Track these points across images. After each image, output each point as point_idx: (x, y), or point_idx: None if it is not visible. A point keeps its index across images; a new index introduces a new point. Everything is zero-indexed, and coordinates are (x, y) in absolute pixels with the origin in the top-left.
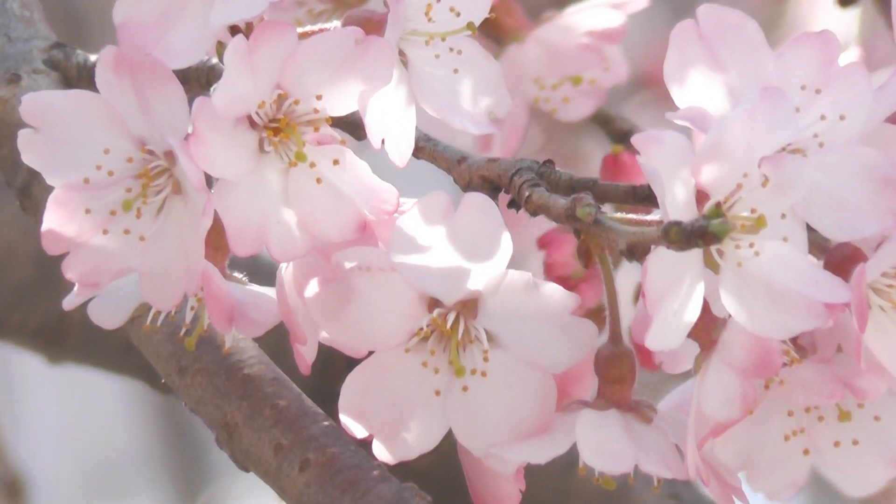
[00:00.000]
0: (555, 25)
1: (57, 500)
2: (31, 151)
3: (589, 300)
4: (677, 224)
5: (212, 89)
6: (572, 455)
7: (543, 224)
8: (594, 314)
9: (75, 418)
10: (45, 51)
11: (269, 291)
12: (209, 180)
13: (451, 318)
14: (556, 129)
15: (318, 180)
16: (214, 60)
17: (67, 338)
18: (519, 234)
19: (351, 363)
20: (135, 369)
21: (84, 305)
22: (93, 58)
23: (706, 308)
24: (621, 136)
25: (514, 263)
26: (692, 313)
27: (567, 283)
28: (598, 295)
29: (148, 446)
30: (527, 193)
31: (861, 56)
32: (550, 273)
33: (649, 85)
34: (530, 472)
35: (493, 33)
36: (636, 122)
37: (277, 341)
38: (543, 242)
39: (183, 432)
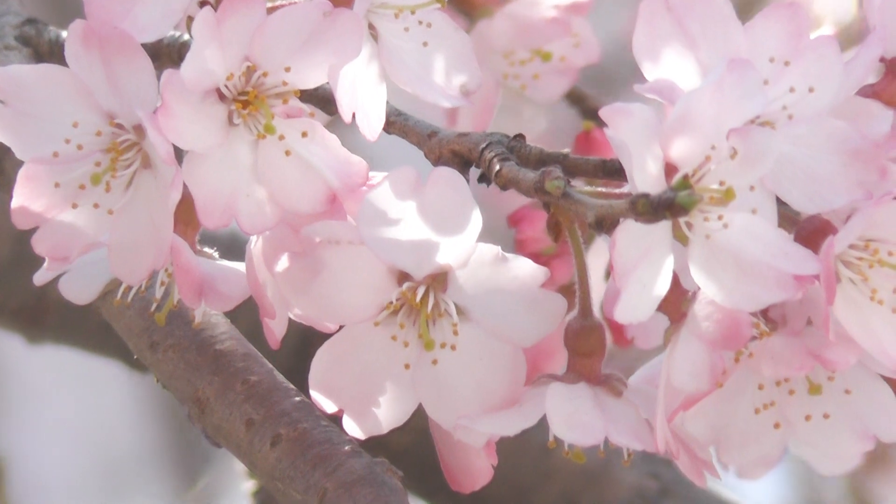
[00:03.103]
0: (523, 0)
1: (46, 484)
2: None
3: (560, 277)
4: (645, 196)
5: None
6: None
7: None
8: (565, 291)
9: (66, 403)
10: (16, 27)
11: (240, 266)
12: (178, 154)
13: (420, 291)
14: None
15: (287, 153)
16: (186, 37)
17: (46, 318)
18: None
19: (327, 339)
20: (113, 349)
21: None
22: (64, 34)
23: (676, 281)
24: (594, 114)
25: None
26: (661, 286)
27: (538, 259)
28: (568, 271)
29: (144, 433)
30: (497, 167)
31: (842, 30)
32: (521, 249)
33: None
34: (509, 452)
35: (463, 9)
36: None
37: (253, 319)
38: (514, 219)
39: (179, 417)
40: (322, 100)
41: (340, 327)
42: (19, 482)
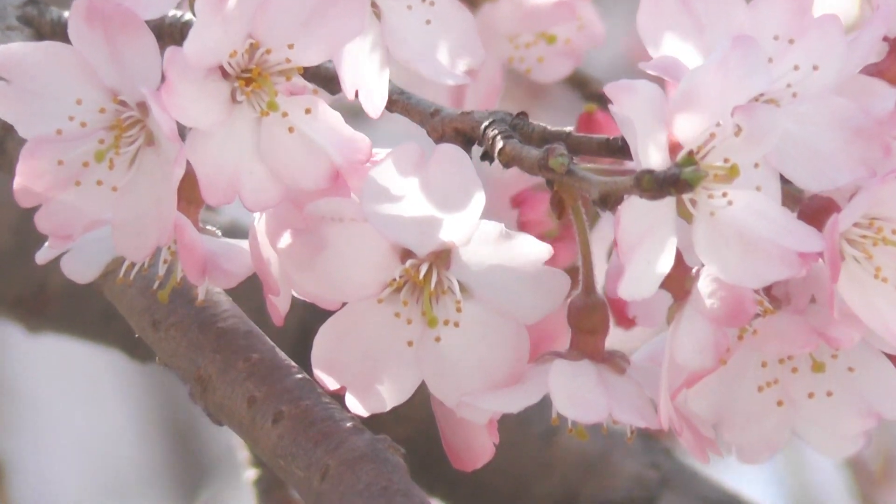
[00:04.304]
0: None
1: (47, 484)
2: (2, 103)
3: (563, 259)
4: (650, 172)
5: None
6: (552, 425)
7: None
8: (568, 274)
9: (67, 404)
10: (18, 7)
11: (243, 244)
12: (182, 131)
13: (423, 268)
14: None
15: (291, 130)
16: (189, 16)
17: (47, 307)
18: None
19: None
20: (114, 339)
21: (63, 276)
22: (66, 14)
23: (679, 258)
24: (596, 98)
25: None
26: (665, 263)
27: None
28: (571, 254)
29: (148, 445)
30: (500, 145)
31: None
32: (524, 232)
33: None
34: (510, 442)
35: None
36: None
37: (256, 297)
38: (517, 201)
39: (184, 428)
40: (325, 78)
41: (343, 304)
42: (19, 480)
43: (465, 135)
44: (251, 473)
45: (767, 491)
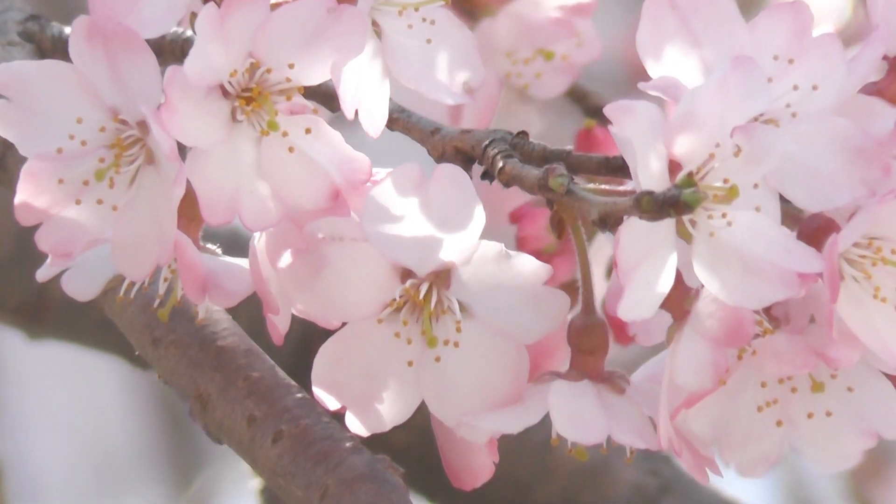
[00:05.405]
0: (527, 0)
1: (43, 482)
2: (3, 121)
3: (562, 274)
4: (649, 194)
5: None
6: (551, 432)
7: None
8: (567, 289)
9: (65, 402)
10: (20, 23)
11: (243, 262)
12: (182, 150)
13: (423, 288)
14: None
15: (291, 149)
16: (189, 32)
17: (47, 314)
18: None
19: (329, 336)
20: (114, 345)
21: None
22: (68, 30)
23: (679, 278)
24: (596, 111)
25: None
26: (665, 284)
27: (539, 257)
28: (570, 269)
29: (142, 432)
30: (500, 164)
31: (839, 29)
32: (523, 247)
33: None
34: (510, 449)
35: (467, 7)
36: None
37: (255, 315)
38: (516, 216)
39: (177, 417)
40: (325, 96)
41: (343, 324)
42: (16, 480)
43: (465, 154)
44: (255, 483)
45: (766, 496)
